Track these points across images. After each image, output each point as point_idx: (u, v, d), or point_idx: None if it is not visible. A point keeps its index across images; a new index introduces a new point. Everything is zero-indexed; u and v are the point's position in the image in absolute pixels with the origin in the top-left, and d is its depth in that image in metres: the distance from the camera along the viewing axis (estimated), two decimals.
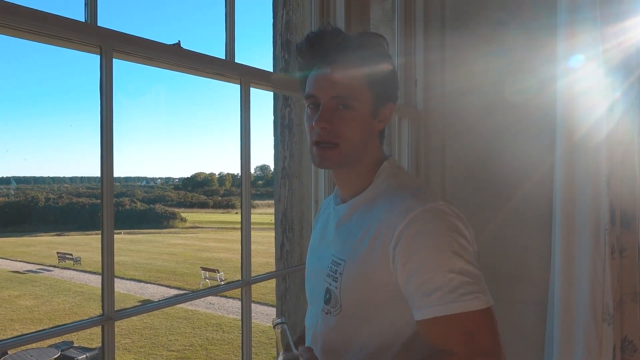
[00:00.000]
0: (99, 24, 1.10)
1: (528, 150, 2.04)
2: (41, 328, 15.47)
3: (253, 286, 1.46)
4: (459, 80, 2.34)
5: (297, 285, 1.97)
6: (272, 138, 2.03)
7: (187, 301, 1.41)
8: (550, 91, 1.86)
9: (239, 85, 1.47)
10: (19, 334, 15.44)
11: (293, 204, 1.99)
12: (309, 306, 1.04)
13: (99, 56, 1.09)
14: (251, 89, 1.67)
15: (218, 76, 1.42)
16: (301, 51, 0.95)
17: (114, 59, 1.16)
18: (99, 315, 1.09)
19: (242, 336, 1.45)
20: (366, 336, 0.88)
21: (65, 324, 1.09)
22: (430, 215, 0.83)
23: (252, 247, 1.46)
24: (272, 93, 1.96)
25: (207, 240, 37.46)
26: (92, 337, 15.15)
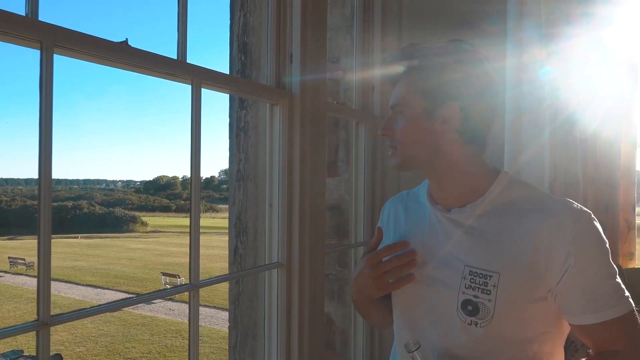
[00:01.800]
0: (45, 20, 1.07)
1: None
2: None
3: (214, 291, 1.44)
4: None
5: (250, 289, 1.95)
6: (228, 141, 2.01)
7: (130, 305, 1.37)
8: (500, 100, 1.92)
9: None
10: None
11: (247, 208, 1.97)
12: (410, 316, 1.01)
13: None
14: (210, 91, 1.66)
15: (169, 76, 1.40)
16: None
17: (58, 55, 1.14)
18: (34, 320, 1.05)
19: (190, 340, 1.43)
20: (518, 344, 0.92)
21: None
22: (593, 225, 0.89)
23: (214, 251, 1.46)
24: (228, 95, 1.95)
25: (168, 245, 36.68)
26: None
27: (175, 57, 1.43)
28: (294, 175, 1.83)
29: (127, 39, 1.23)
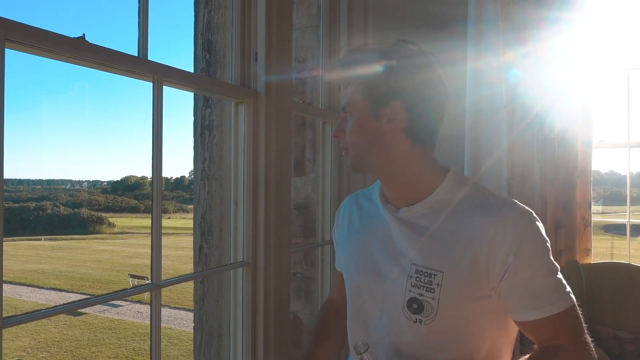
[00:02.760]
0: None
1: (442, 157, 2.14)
2: None
3: (183, 292, 1.42)
4: None
5: (215, 289, 1.94)
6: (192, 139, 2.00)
7: (87, 306, 1.34)
8: (462, 103, 1.96)
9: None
10: None
11: (212, 207, 1.96)
12: (363, 314, 1.03)
13: None
14: (178, 90, 1.64)
15: (129, 73, 1.37)
16: None
17: (11, 50, 1.11)
18: None
19: (151, 340, 1.41)
20: (458, 343, 0.93)
21: None
22: (534, 225, 0.91)
23: (184, 252, 1.44)
24: (192, 93, 1.93)
25: (137, 246, 35.89)
26: (4, 353, 14.01)
27: (136, 54, 1.41)
28: (259, 174, 1.83)
29: (84, 34, 1.20)
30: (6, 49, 1.04)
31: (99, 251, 34.17)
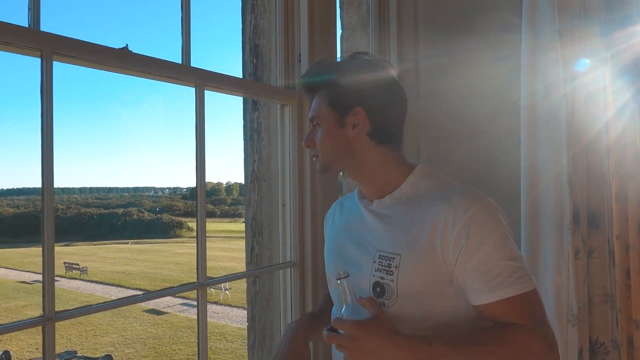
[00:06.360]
0: (55, 28, 1.13)
1: (497, 154, 2.03)
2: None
3: (240, 291, 1.45)
4: (433, 84, 2.34)
5: (266, 289, 1.97)
6: (242, 142, 2.04)
7: (138, 302, 1.41)
8: (516, 98, 1.84)
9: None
10: (23, 343, 15.50)
11: (262, 208, 1.99)
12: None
13: (39, 60, 1.11)
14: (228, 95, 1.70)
15: (172, 79, 1.43)
16: None
17: (62, 63, 1.20)
18: (40, 316, 1.10)
19: (199, 337, 1.45)
20: (419, 320, 0.98)
21: (3, 325, 1.09)
22: (488, 210, 0.96)
23: (240, 254, 1.46)
24: (241, 97, 1.98)
25: (213, 250, 37.39)
26: (95, 347, 15.17)
27: (180, 62, 1.47)
28: (304, 175, 1.84)
29: (127, 45, 1.27)
30: (55, 62, 1.13)
31: (179, 254, 36.08)
